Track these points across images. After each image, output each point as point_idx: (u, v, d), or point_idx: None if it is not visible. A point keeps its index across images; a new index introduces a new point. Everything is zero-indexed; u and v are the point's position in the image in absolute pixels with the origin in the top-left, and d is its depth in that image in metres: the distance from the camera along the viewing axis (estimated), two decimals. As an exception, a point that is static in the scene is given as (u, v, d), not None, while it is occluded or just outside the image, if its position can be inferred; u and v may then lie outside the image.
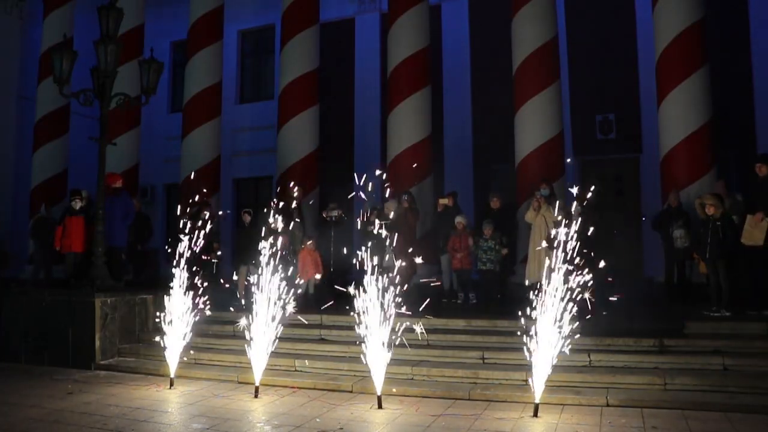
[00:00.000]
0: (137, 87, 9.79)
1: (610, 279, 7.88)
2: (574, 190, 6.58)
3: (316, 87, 13.25)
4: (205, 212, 10.89)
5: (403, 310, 6.05)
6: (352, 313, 6.08)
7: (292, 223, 10.00)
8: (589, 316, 6.25)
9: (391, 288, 5.97)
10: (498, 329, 7.71)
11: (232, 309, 8.07)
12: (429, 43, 12.45)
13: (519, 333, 6.37)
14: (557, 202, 8.91)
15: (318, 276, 10.23)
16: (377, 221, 7.64)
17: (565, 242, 5.71)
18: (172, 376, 7.06)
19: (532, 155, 10.93)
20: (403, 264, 8.83)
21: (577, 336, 5.81)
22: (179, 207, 7.93)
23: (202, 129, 13.63)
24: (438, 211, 10.86)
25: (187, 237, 6.84)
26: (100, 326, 8.32)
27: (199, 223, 7.45)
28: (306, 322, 8.06)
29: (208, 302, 7.16)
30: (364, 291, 5.94)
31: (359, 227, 8.47)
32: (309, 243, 10.31)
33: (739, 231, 8.02)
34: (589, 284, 5.87)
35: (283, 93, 13.16)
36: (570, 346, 5.71)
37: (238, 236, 10.83)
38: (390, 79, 12.40)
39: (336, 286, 8.22)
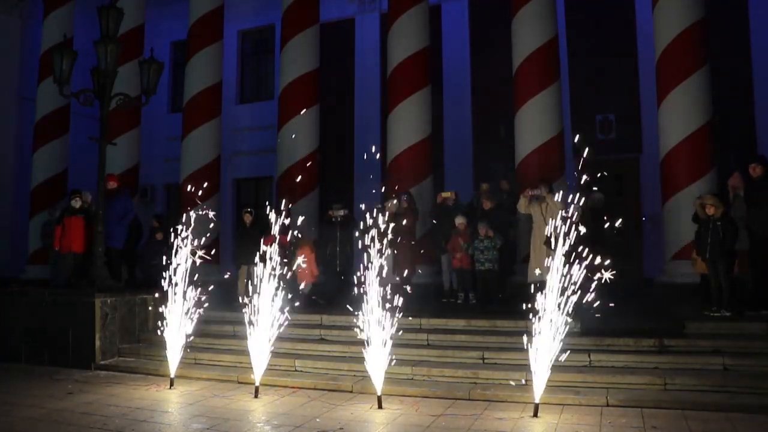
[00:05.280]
0: (137, 87, 9.79)
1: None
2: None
3: (316, 87, 13.24)
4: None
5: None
6: (356, 313, 6.08)
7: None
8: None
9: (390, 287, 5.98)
10: (498, 329, 7.71)
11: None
12: (429, 43, 12.44)
13: (519, 333, 6.37)
14: (557, 201, 8.94)
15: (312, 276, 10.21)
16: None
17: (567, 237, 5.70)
18: (172, 376, 7.06)
19: (532, 155, 10.93)
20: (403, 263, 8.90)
21: (577, 334, 5.81)
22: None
23: (202, 129, 13.62)
24: (437, 203, 10.84)
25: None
26: (100, 326, 8.32)
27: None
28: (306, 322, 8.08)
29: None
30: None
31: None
32: (307, 243, 10.27)
33: (738, 231, 8.03)
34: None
35: (283, 93, 13.15)
36: (570, 346, 5.71)
37: (239, 236, 10.81)
38: (390, 79, 12.40)
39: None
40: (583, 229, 5.80)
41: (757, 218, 8.01)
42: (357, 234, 6.45)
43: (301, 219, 7.84)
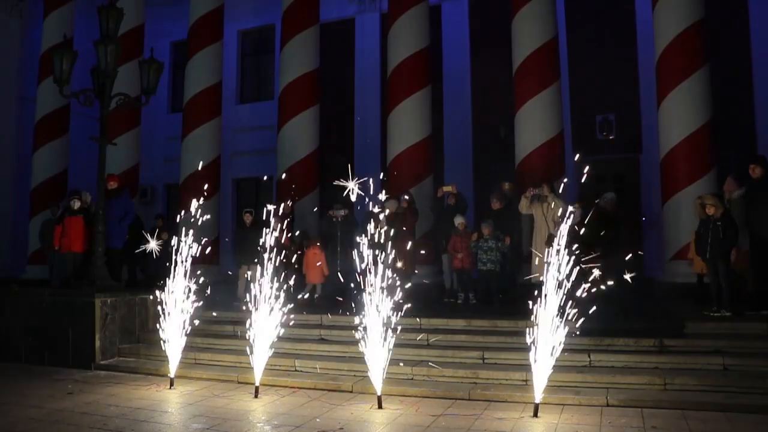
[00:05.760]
0: (137, 87, 9.79)
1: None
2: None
3: (316, 87, 13.25)
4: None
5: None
6: (356, 313, 6.08)
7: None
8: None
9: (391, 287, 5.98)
10: (498, 329, 7.70)
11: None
12: (429, 43, 12.44)
13: (519, 333, 6.36)
14: (558, 201, 8.95)
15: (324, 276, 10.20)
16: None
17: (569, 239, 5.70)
18: (172, 376, 7.05)
19: (532, 155, 10.94)
20: (403, 263, 8.88)
21: (577, 334, 5.80)
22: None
23: (202, 129, 13.63)
24: (437, 197, 10.81)
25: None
26: (100, 326, 8.32)
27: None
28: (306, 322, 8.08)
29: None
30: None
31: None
32: (315, 244, 10.25)
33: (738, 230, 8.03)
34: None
35: (283, 93, 13.16)
36: (570, 346, 5.71)
37: (239, 236, 10.82)
38: (390, 79, 12.40)
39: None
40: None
41: (757, 219, 8.00)
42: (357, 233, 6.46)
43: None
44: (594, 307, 5.81)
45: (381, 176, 11.34)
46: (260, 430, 5.43)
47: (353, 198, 6.41)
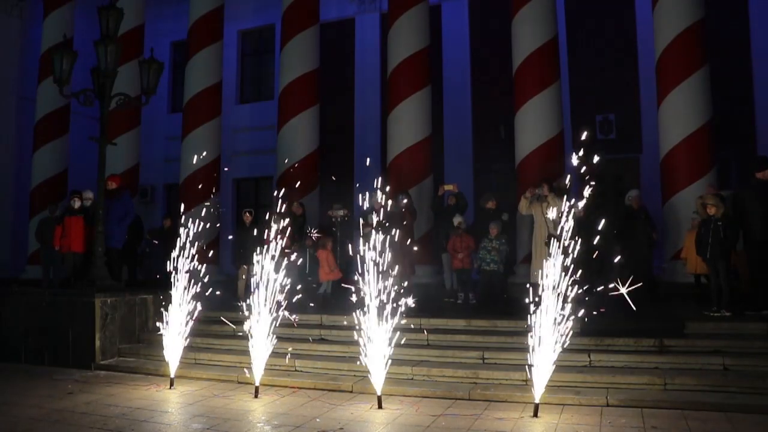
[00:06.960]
0: (137, 87, 9.79)
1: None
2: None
3: (316, 87, 13.26)
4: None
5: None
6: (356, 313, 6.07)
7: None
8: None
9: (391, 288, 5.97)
10: (498, 329, 7.71)
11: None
12: (429, 43, 12.45)
13: (519, 333, 6.36)
14: (559, 200, 8.94)
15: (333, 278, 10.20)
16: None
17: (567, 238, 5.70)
18: (172, 376, 7.05)
19: (532, 155, 10.94)
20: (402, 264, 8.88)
21: (577, 334, 5.80)
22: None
23: (202, 129, 13.64)
24: (438, 195, 10.81)
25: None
26: (100, 326, 8.31)
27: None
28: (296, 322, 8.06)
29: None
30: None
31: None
32: (324, 244, 10.25)
33: (739, 231, 8.02)
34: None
35: (283, 93, 13.16)
36: (570, 346, 5.71)
37: (239, 236, 10.82)
38: (390, 79, 12.41)
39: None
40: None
41: (756, 219, 7.98)
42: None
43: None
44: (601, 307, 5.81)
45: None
46: (260, 430, 5.43)
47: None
